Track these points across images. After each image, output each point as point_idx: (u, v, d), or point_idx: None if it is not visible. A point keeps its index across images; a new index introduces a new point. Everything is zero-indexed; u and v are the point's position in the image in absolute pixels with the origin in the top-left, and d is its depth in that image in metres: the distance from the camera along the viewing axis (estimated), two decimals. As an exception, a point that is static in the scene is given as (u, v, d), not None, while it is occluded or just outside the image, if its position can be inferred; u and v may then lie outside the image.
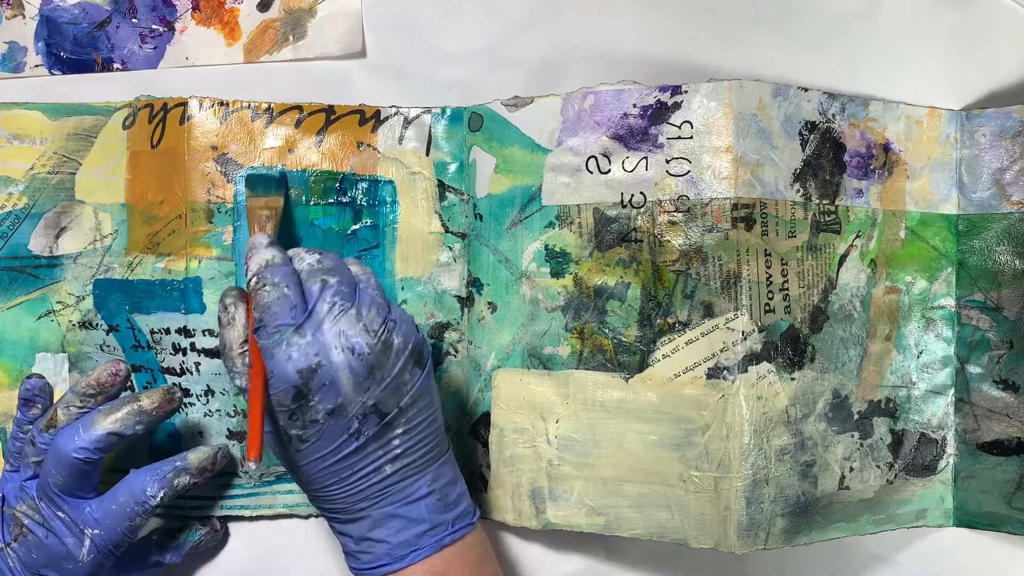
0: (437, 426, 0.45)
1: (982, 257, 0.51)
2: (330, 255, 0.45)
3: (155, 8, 0.55)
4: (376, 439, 0.43)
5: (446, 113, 0.54)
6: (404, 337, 0.43)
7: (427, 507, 0.44)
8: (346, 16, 0.54)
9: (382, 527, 0.43)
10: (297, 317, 0.42)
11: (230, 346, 0.44)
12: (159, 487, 0.47)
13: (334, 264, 0.44)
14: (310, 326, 0.42)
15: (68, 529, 0.46)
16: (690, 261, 0.47)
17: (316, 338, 0.41)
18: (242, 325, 0.44)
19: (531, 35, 0.54)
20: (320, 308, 0.42)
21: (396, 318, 0.43)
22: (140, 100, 0.53)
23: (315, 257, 0.44)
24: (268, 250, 0.44)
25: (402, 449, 0.43)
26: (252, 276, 0.43)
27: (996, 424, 0.50)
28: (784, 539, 0.47)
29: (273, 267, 0.43)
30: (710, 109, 0.47)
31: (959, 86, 0.52)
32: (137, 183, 0.53)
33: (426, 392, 0.44)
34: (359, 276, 0.45)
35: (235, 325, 0.44)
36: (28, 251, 0.54)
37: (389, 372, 0.42)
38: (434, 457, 0.45)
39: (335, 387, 0.41)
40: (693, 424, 0.47)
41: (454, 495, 0.45)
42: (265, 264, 0.43)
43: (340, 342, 0.41)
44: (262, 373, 0.42)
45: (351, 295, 0.43)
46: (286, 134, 0.53)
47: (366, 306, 0.43)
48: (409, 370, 0.43)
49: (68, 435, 0.46)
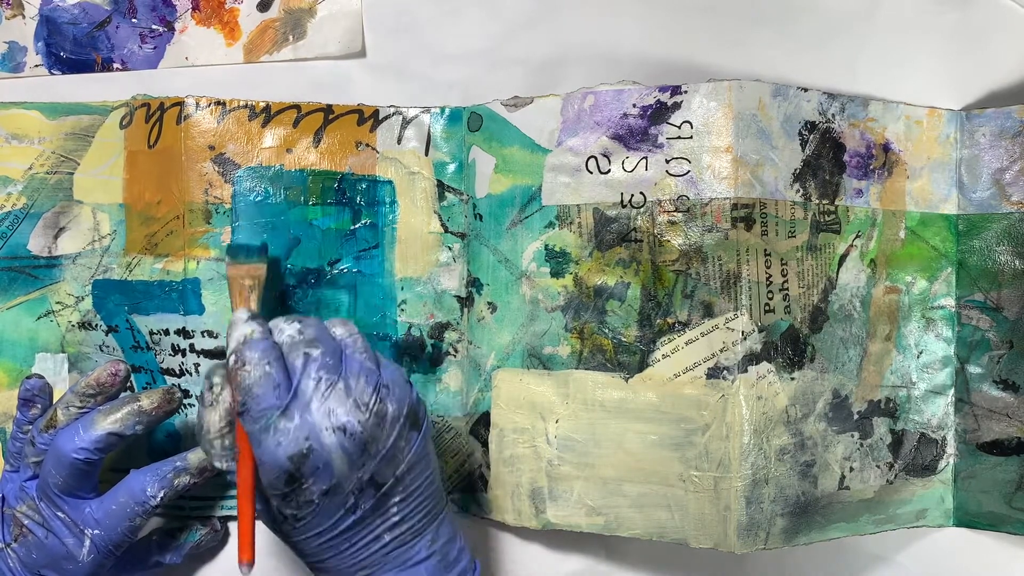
0: (435, 487, 0.44)
1: (982, 257, 0.51)
2: (311, 322, 0.43)
3: (155, 8, 0.55)
4: (374, 510, 0.42)
5: (445, 113, 0.54)
6: (398, 403, 0.42)
7: (427, 570, 0.43)
8: (346, 16, 0.54)
9: None
10: (282, 397, 0.40)
11: (208, 428, 0.42)
12: (159, 487, 0.47)
13: (316, 333, 0.43)
14: (297, 407, 0.40)
15: (68, 529, 0.46)
16: (690, 261, 0.47)
17: (305, 420, 0.40)
18: (225, 408, 0.42)
19: (531, 35, 0.53)
20: (306, 386, 0.40)
21: (388, 382, 0.42)
22: (137, 99, 0.53)
23: (295, 327, 0.43)
24: (247, 325, 0.42)
25: (400, 516, 0.42)
26: (231, 354, 0.42)
27: (996, 424, 0.50)
28: (784, 539, 0.47)
29: (252, 342, 0.41)
30: (710, 109, 0.47)
31: (959, 86, 0.52)
32: (135, 183, 0.53)
33: (423, 455, 0.43)
34: (344, 340, 0.43)
35: (218, 408, 0.42)
36: (27, 251, 0.54)
37: (384, 444, 0.41)
38: (432, 517, 0.44)
39: (329, 469, 0.40)
40: (693, 424, 0.47)
41: (454, 553, 0.44)
42: (243, 339, 0.42)
43: (330, 422, 0.40)
44: (250, 461, 0.41)
45: (336, 366, 0.41)
46: (284, 134, 0.53)
47: (354, 376, 0.41)
48: (405, 436, 0.42)
49: (68, 435, 0.46)
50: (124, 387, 0.48)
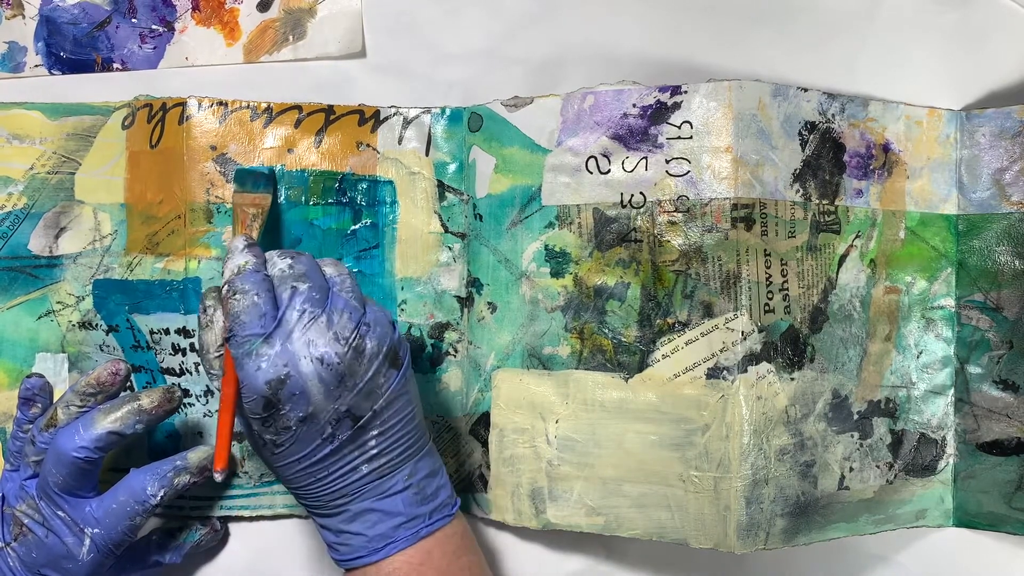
0: (415, 424, 0.45)
1: (982, 257, 0.51)
2: (303, 258, 0.44)
3: (155, 8, 0.55)
4: (351, 442, 0.43)
5: (445, 113, 0.54)
6: (378, 340, 0.43)
7: (403, 501, 0.44)
8: (346, 16, 0.54)
9: (359, 521, 0.44)
10: (267, 326, 0.41)
11: (207, 349, 0.44)
12: (159, 486, 0.47)
13: (306, 268, 0.44)
14: (279, 336, 0.41)
15: (68, 528, 0.46)
16: (690, 261, 0.47)
17: (285, 348, 0.41)
18: (219, 329, 0.44)
19: (531, 35, 0.54)
20: (289, 316, 0.42)
21: (370, 320, 0.43)
22: (139, 100, 0.53)
23: (287, 262, 0.44)
24: (243, 255, 0.44)
25: (378, 449, 0.43)
26: (224, 283, 0.43)
27: (996, 424, 0.50)
28: (784, 539, 0.47)
29: (245, 274, 0.43)
30: (710, 109, 0.47)
31: (959, 86, 0.52)
32: (136, 183, 0.53)
33: (402, 393, 0.44)
34: (333, 278, 0.45)
35: (213, 328, 0.44)
36: (28, 251, 0.54)
37: (361, 378, 0.42)
38: (412, 453, 0.45)
39: (305, 396, 0.41)
40: (693, 424, 0.47)
41: (432, 488, 0.45)
42: (237, 270, 0.43)
43: (309, 352, 0.41)
44: (234, 382, 0.42)
45: (322, 301, 0.43)
46: (285, 134, 0.53)
47: (338, 312, 0.42)
48: (384, 373, 0.43)
49: (68, 434, 0.46)
50: (124, 386, 0.48)
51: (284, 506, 0.53)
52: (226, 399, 0.43)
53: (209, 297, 0.45)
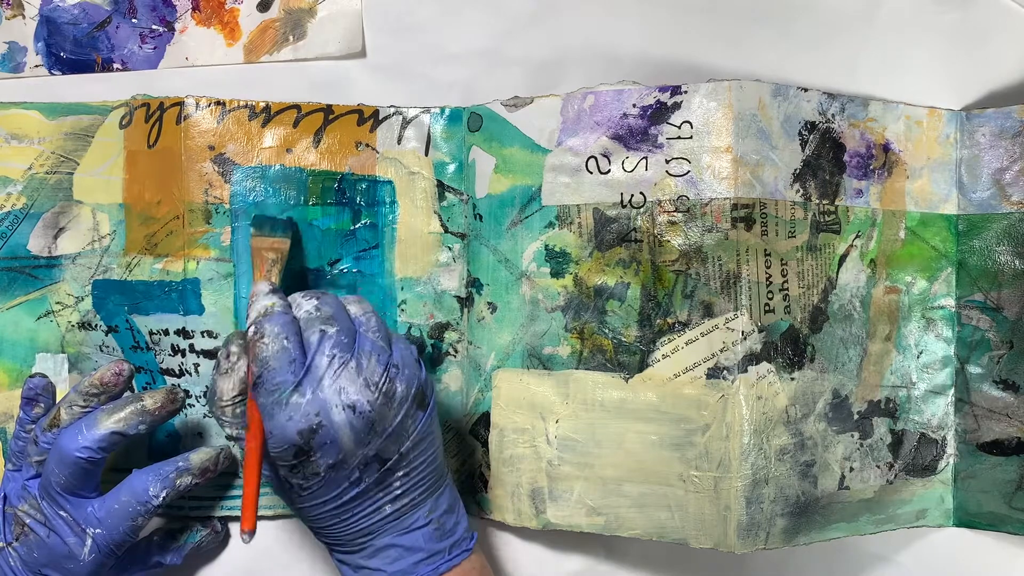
0: (438, 462, 0.45)
1: (982, 257, 0.51)
2: (329, 299, 0.44)
3: (155, 8, 0.55)
4: (377, 484, 0.43)
5: (445, 113, 0.54)
6: (407, 383, 0.43)
7: (424, 536, 0.44)
8: (346, 16, 0.54)
9: (379, 557, 0.44)
10: (296, 372, 0.41)
11: (221, 395, 0.43)
12: (161, 487, 0.47)
13: (333, 311, 0.43)
14: (309, 383, 0.41)
15: (70, 528, 0.46)
16: (690, 261, 0.47)
17: (316, 396, 0.41)
18: (240, 377, 0.43)
19: (531, 35, 0.53)
20: (319, 362, 0.41)
21: (398, 362, 0.43)
22: (136, 99, 0.53)
23: (313, 303, 0.43)
24: (268, 298, 0.44)
25: (402, 490, 0.43)
26: (250, 325, 0.43)
27: (996, 424, 0.50)
28: (784, 539, 0.47)
29: (272, 317, 0.42)
30: (710, 109, 0.47)
31: (959, 86, 0.52)
32: (134, 183, 0.53)
33: (428, 433, 0.44)
34: (359, 319, 0.44)
35: (232, 376, 0.43)
36: (27, 251, 0.54)
37: (391, 423, 0.42)
38: (433, 490, 0.45)
39: (336, 444, 0.41)
40: (693, 424, 0.47)
41: (451, 523, 0.45)
42: (264, 312, 0.43)
43: (340, 400, 0.41)
44: (260, 433, 0.41)
45: (350, 345, 0.42)
46: (284, 134, 0.53)
47: (367, 355, 0.42)
48: (411, 415, 0.43)
49: (71, 434, 0.46)
50: (127, 387, 0.48)
51: (284, 506, 0.53)
52: (252, 452, 0.41)
53: (234, 343, 0.44)
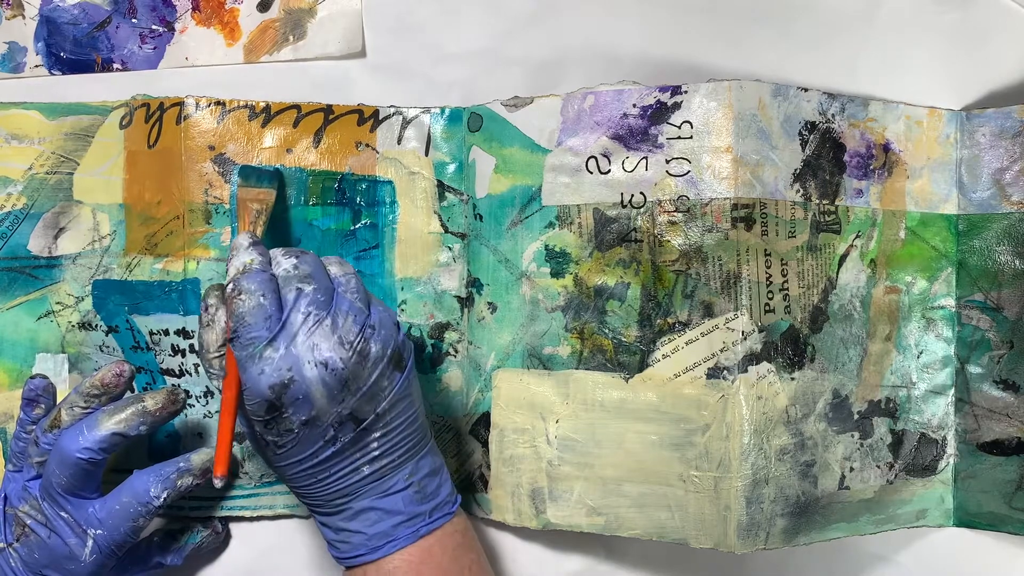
0: (418, 424, 0.45)
1: (982, 257, 0.51)
2: (308, 257, 0.44)
3: (155, 8, 0.55)
4: (353, 444, 0.43)
5: (445, 113, 0.53)
6: (383, 343, 0.43)
7: (404, 499, 0.44)
8: (346, 16, 0.54)
9: (359, 519, 0.44)
10: (272, 328, 0.41)
11: (207, 348, 0.44)
12: (162, 488, 0.47)
13: (311, 269, 0.43)
14: (283, 339, 0.41)
15: (71, 529, 0.46)
16: (690, 261, 0.47)
17: (289, 351, 0.41)
18: (220, 329, 0.43)
19: (531, 35, 0.53)
20: (294, 319, 0.41)
21: (375, 323, 0.43)
22: (137, 99, 0.53)
23: (292, 262, 0.43)
24: (248, 252, 0.44)
25: (380, 451, 0.44)
26: (229, 281, 0.43)
27: (996, 424, 0.50)
28: (784, 539, 0.47)
29: (250, 273, 0.42)
30: (710, 109, 0.47)
31: (959, 86, 0.52)
32: (134, 183, 0.53)
33: (405, 395, 0.44)
34: (338, 279, 0.44)
35: (214, 328, 0.44)
36: (27, 251, 0.54)
37: (365, 382, 0.42)
38: (414, 453, 0.45)
39: (308, 400, 0.41)
40: (693, 424, 0.47)
41: (432, 486, 0.46)
42: (243, 269, 0.43)
43: (313, 356, 0.41)
44: (236, 384, 0.42)
45: (327, 303, 0.42)
46: (284, 134, 0.53)
47: (343, 315, 0.42)
48: (388, 376, 0.43)
49: (72, 435, 0.46)
50: (128, 388, 0.48)
51: (285, 506, 0.53)
52: (227, 402, 0.42)
53: (212, 295, 0.44)
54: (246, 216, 0.48)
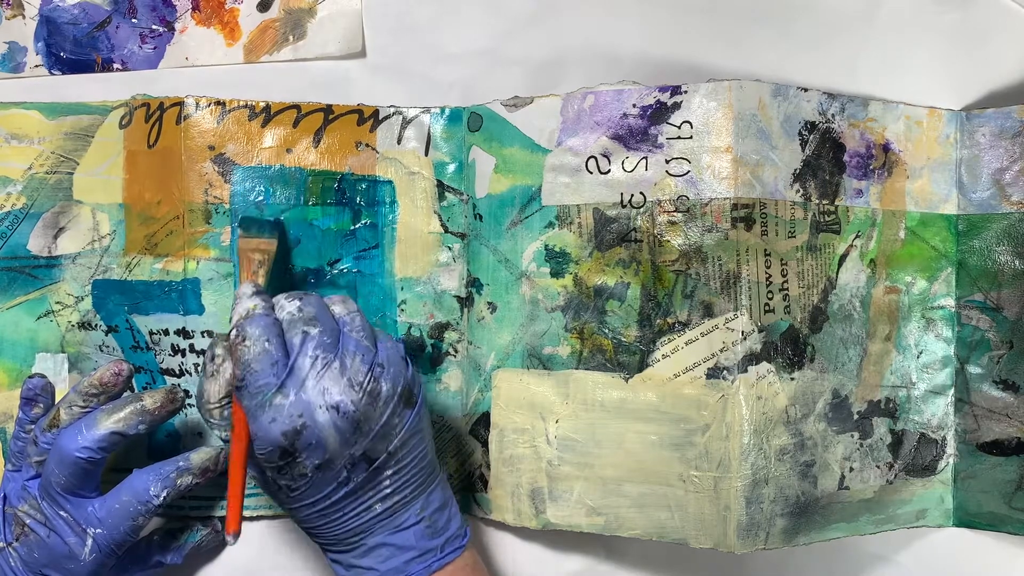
0: (428, 459, 0.45)
1: (982, 257, 0.51)
2: (311, 300, 0.44)
3: (155, 8, 0.55)
4: (366, 483, 0.43)
5: (445, 113, 0.54)
6: (392, 382, 0.43)
7: (415, 535, 0.44)
8: (346, 16, 0.54)
9: (371, 556, 0.44)
10: (279, 374, 0.41)
11: (208, 398, 0.43)
12: (162, 487, 0.47)
13: (316, 311, 0.43)
14: (292, 384, 0.41)
15: (70, 528, 0.46)
16: (690, 261, 0.47)
17: (299, 398, 0.41)
18: (225, 380, 0.43)
19: (531, 35, 0.53)
20: (302, 364, 0.41)
21: (383, 361, 0.43)
22: (136, 99, 0.53)
23: (295, 304, 0.43)
24: (251, 300, 0.43)
25: (392, 488, 0.43)
26: (232, 328, 0.42)
27: (996, 424, 0.50)
28: (784, 539, 0.47)
29: (254, 319, 0.42)
30: (710, 109, 0.47)
31: (959, 86, 0.52)
32: (134, 183, 0.53)
33: (416, 431, 0.44)
34: (343, 319, 0.44)
35: (218, 379, 0.43)
36: (27, 251, 0.54)
37: (376, 422, 0.42)
38: (424, 488, 0.45)
39: (321, 445, 0.41)
40: (693, 424, 0.47)
41: (443, 520, 0.45)
42: (246, 315, 0.42)
43: (324, 400, 0.41)
44: (245, 436, 0.41)
45: (334, 345, 0.42)
46: (284, 134, 0.53)
47: (350, 355, 0.42)
48: (399, 414, 0.43)
49: (71, 434, 0.46)
50: (127, 387, 0.48)
51: (284, 506, 0.53)
52: (236, 455, 0.41)
53: (219, 346, 0.44)
54: (248, 266, 0.48)
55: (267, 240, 0.50)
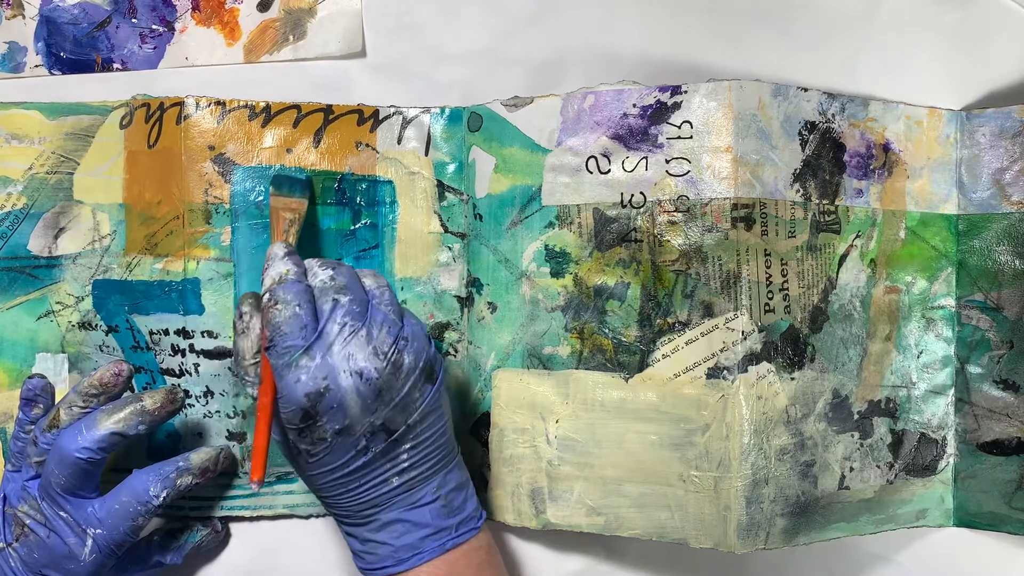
0: (446, 438, 0.46)
1: (982, 257, 0.51)
2: (344, 269, 0.45)
3: (155, 8, 0.55)
4: (384, 454, 0.43)
5: (445, 113, 0.54)
6: (415, 355, 0.43)
7: (431, 512, 0.44)
8: (346, 16, 0.54)
9: (386, 530, 0.44)
10: (308, 337, 0.42)
11: (243, 355, 0.44)
12: (162, 487, 0.47)
13: (347, 281, 0.44)
14: (319, 348, 0.42)
15: (70, 529, 0.46)
16: (690, 261, 0.47)
17: (325, 361, 0.41)
18: (256, 336, 0.44)
19: (531, 35, 0.53)
20: (330, 329, 0.42)
21: (408, 335, 0.44)
22: (137, 99, 0.53)
23: (328, 273, 0.44)
24: (283, 262, 0.44)
25: (409, 463, 0.44)
26: (265, 291, 0.43)
27: (996, 424, 0.50)
28: (784, 539, 0.47)
29: (286, 284, 0.43)
30: (710, 109, 0.47)
31: (959, 86, 0.52)
32: (135, 183, 0.53)
33: (435, 407, 0.45)
34: (373, 291, 0.45)
35: (249, 335, 0.44)
36: (27, 251, 0.54)
37: (398, 392, 0.43)
38: (442, 466, 0.45)
39: (343, 409, 0.41)
40: (693, 424, 0.47)
41: (459, 500, 0.46)
42: (279, 279, 0.43)
43: (349, 366, 0.41)
44: (271, 391, 0.42)
45: (362, 314, 0.43)
46: (284, 134, 0.53)
47: (377, 326, 0.43)
48: (419, 388, 0.43)
49: (71, 435, 0.46)
50: (127, 387, 0.48)
51: (284, 506, 0.53)
52: (263, 408, 0.42)
53: (245, 303, 0.45)
54: (279, 225, 0.49)
55: (298, 200, 0.50)
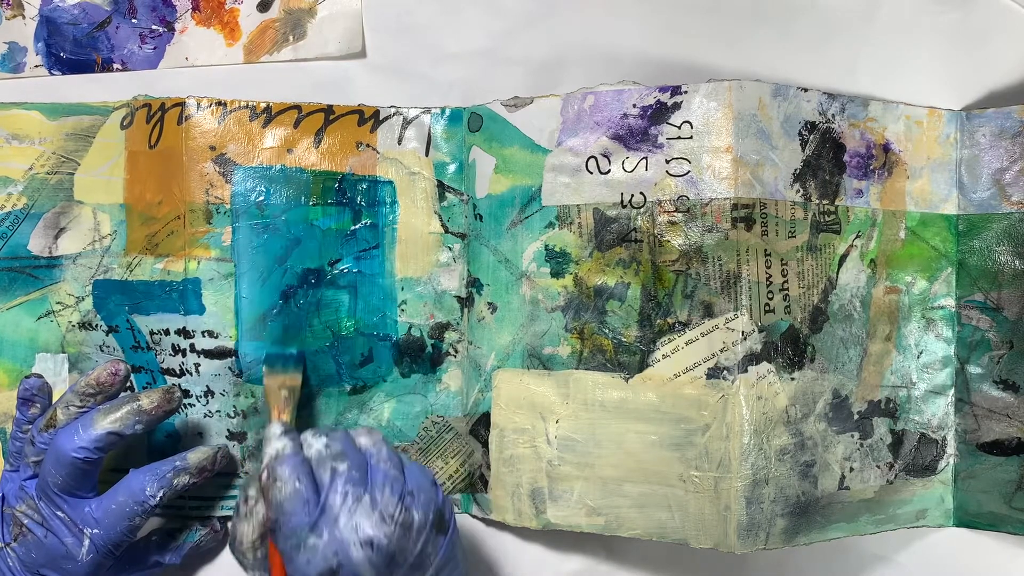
0: None
1: (982, 257, 0.51)
2: (337, 435, 0.44)
3: (155, 8, 0.55)
4: None
5: (445, 113, 0.54)
6: (423, 509, 0.43)
7: None
8: (346, 16, 0.54)
9: None
10: (311, 513, 0.41)
11: (241, 540, 0.44)
12: (159, 487, 0.47)
13: (342, 446, 0.44)
14: (325, 523, 0.41)
15: (68, 528, 0.46)
16: (690, 261, 0.47)
17: (333, 536, 0.41)
18: (259, 522, 0.43)
19: (531, 35, 0.53)
20: (333, 501, 0.42)
21: (413, 488, 0.43)
22: (138, 100, 0.53)
23: (322, 441, 0.44)
24: (280, 440, 0.44)
25: None
26: (263, 469, 0.43)
27: (996, 424, 0.50)
28: (784, 539, 0.47)
29: (283, 459, 0.43)
30: (710, 109, 0.47)
31: (959, 86, 0.52)
32: (135, 183, 0.53)
33: (451, 557, 0.44)
34: (369, 450, 0.45)
35: (251, 520, 0.43)
36: (28, 251, 0.54)
37: (411, 553, 0.42)
38: None
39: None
40: (693, 424, 0.47)
41: None
42: (275, 456, 0.43)
43: (357, 536, 0.41)
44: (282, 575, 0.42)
45: (362, 479, 0.43)
46: (284, 134, 0.53)
47: (379, 487, 0.42)
48: (432, 541, 0.43)
49: (68, 435, 0.46)
50: (124, 386, 0.48)
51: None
52: None
53: (252, 487, 0.44)
54: (276, 404, 0.49)
55: (292, 376, 0.51)
